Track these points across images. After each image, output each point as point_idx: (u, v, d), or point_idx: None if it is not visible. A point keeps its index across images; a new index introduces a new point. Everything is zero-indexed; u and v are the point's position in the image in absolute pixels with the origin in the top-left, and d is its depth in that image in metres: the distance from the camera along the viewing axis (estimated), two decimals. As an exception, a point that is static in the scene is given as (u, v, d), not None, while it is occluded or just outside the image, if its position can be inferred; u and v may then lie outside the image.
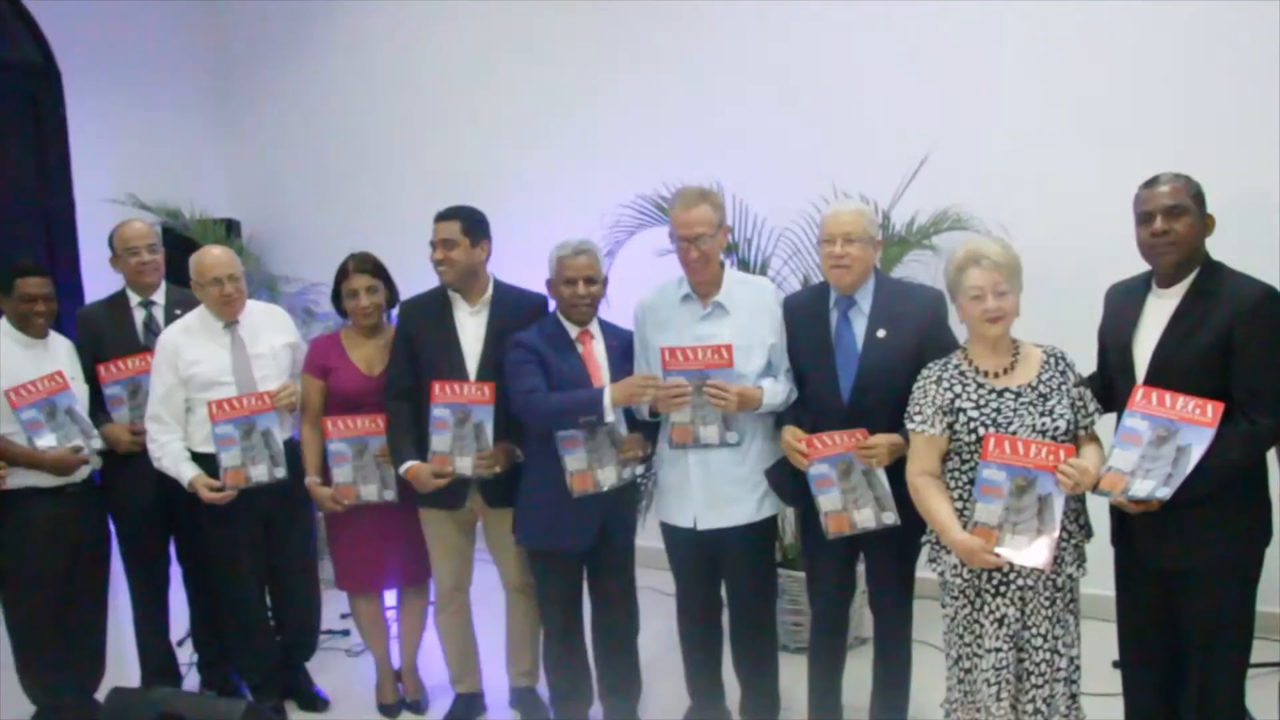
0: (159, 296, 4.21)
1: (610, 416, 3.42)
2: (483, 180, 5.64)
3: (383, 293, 3.97)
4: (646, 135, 5.46)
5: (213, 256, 3.94)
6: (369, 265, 3.96)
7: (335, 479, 3.88)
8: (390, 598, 4.28)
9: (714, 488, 3.47)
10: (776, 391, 3.41)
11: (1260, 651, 3.27)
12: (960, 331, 3.13)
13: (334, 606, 4.65)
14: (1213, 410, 2.79)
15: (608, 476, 3.52)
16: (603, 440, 3.51)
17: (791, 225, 4.56)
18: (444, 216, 3.77)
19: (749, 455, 3.46)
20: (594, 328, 3.68)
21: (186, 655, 4.49)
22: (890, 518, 3.23)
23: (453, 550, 3.94)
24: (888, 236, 4.47)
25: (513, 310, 3.80)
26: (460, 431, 3.66)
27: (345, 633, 4.91)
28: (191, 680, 4.44)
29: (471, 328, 3.79)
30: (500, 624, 4.10)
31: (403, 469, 3.74)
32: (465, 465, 3.68)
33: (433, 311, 3.81)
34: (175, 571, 4.32)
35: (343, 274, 3.98)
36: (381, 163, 6.43)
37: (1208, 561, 2.92)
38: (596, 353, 3.64)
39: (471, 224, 3.75)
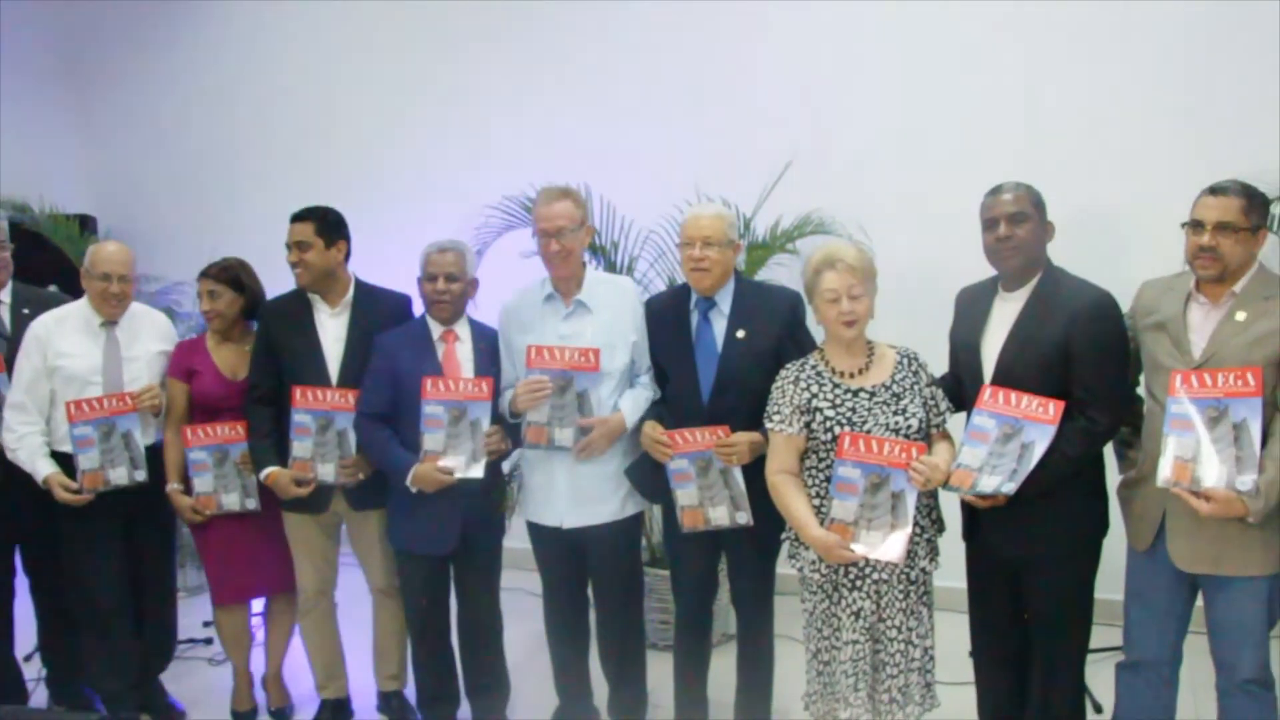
0: (5, 295, 4.03)
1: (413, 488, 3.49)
2: (349, 180, 5.58)
3: (228, 298, 3.85)
4: (515, 137, 5.46)
5: (107, 252, 3.83)
6: (214, 270, 3.87)
7: (195, 488, 3.78)
8: (257, 604, 4.20)
9: (579, 487, 3.48)
10: (638, 406, 3.47)
11: (1100, 636, 3.41)
12: (818, 333, 3.19)
13: (197, 615, 4.53)
14: (1054, 408, 2.91)
15: (459, 464, 3.50)
16: (463, 429, 3.49)
17: (657, 228, 4.60)
18: (298, 218, 3.70)
19: (613, 454, 3.48)
20: (461, 328, 3.66)
21: (34, 671, 4.31)
22: (744, 518, 3.29)
23: (316, 554, 3.87)
24: (751, 240, 4.55)
25: (375, 311, 3.76)
26: (322, 438, 3.60)
27: (208, 641, 4.78)
28: (40, 697, 4.26)
29: (333, 329, 3.73)
30: (367, 628, 4.04)
31: (263, 475, 3.67)
32: (328, 472, 3.62)
33: (293, 314, 3.74)
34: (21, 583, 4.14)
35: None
36: (246, 160, 6.28)
37: (1050, 551, 3.05)
38: (459, 353, 3.62)
39: (326, 225, 3.69)
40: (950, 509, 3.16)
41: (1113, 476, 3.19)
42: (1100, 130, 4.48)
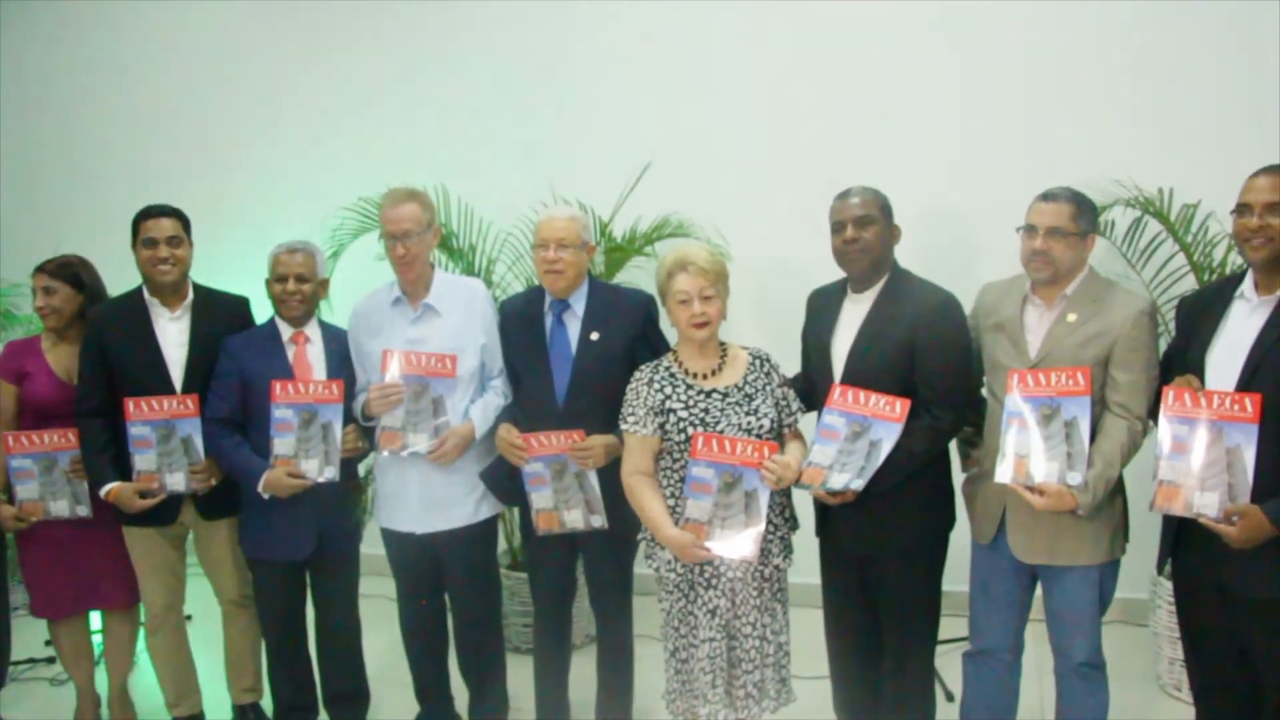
0: None
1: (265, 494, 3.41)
2: (197, 180, 5.40)
3: (64, 294, 3.68)
4: (371, 138, 5.34)
5: None
6: (50, 265, 3.70)
7: (19, 496, 3.59)
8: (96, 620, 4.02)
9: (431, 492, 3.45)
10: (488, 413, 3.45)
11: (949, 627, 3.52)
12: (672, 335, 3.22)
13: (39, 634, 4.32)
14: (900, 406, 2.98)
15: (311, 469, 3.43)
16: (315, 433, 3.41)
17: (515, 230, 4.58)
18: (162, 213, 3.57)
19: (466, 458, 3.45)
20: (312, 330, 3.59)
21: None
22: (598, 521, 3.30)
23: (163, 568, 3.71)
24: (610, 243, 4.57)
25: (215, 314, 3.65)
26: (166, 447, 3.46)
27: (50, 660, 4.58)
28: None
29: (174, 334, 3.58)
30: (216, 641, 3.91)
31: (103, 492, 3.50)
32: (177, 481, 3.49)
33: (128, 318, 3.58)
34: None
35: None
36: (88, 160, 5.98)
37: (898, 546, 3.13)
38: (310, 355, 3.55)
39: (186, 223, 3.59)
40: (803, 506, 3.21)
41: (958, 473, 3.29)
42: (948, 136, 4.61)
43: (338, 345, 3.59)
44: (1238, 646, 2.90)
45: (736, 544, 2.95)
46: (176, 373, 3.54)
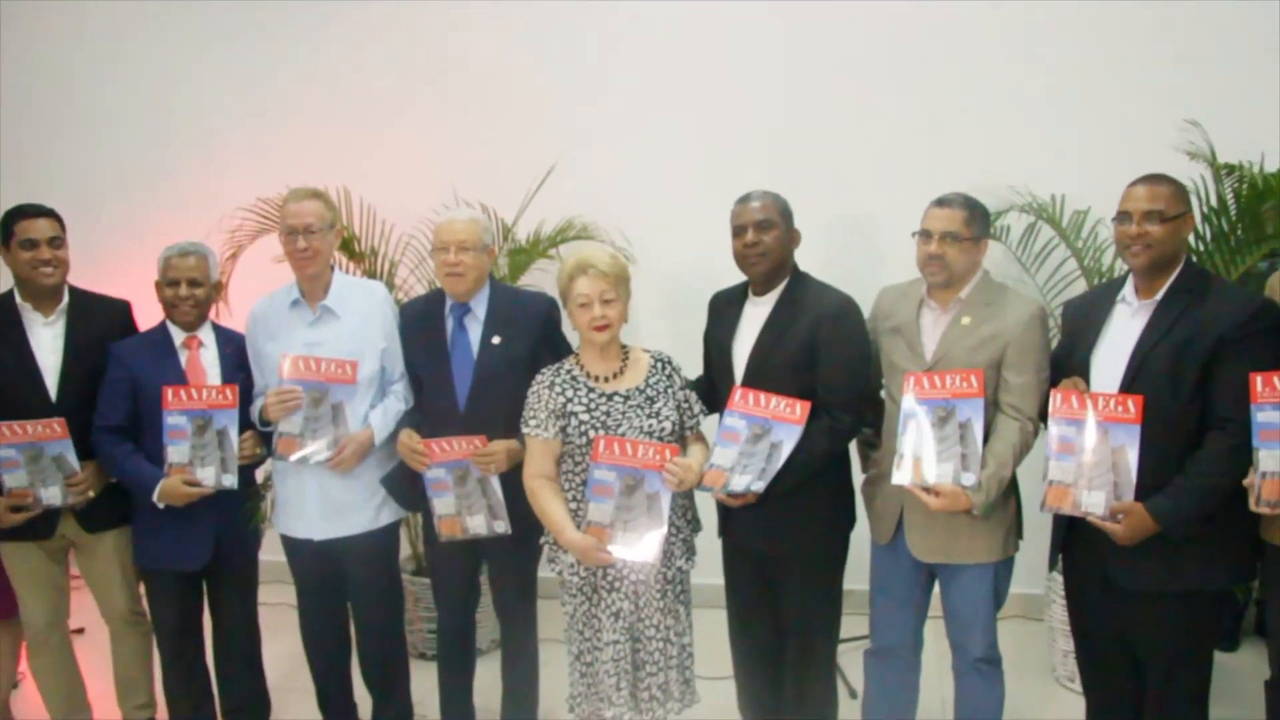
0: None
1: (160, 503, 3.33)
2: (84, 180, 5.24)
3: None
4: (271, 139, 5.22)
5: None
6: None
7: None
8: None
9: (330, 498, 3.40)
10: (388, 420, 3.41)
11: (851, 626, 3.57)
12: (575, 338, 3.21)
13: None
14: (800, 409, 3.01)
15: (207, 476, 3.34)
16: (210, 439, 3.33)
17: (418, 233, 4.52)
18: (39, 213, 3.43)
19: (366, 463, 3.40)
20: (205, 334, 3.51)
21: None
22: (501, 526, 3.28)
23: (44, 584, 3.55)
24: (514, 246, 4.55)
25: (93, 318, 3.53)
26: (37, 466, 3.33)
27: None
28: None
29: (47, 340, 3.44)
30: (103, 657, 3.77)
31: None
32: (53, 495, 3.35)
33: None
34: None
35: None
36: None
37: (800, 546, 3.16)
38: (204, 360, 3.47)
39: (63, 223, 3.48)
40: (706, 507, 3.23)
41: (859, 474, 3.34)
42: (851, 141, 4.66)
43: (233, 349, 3.51)
44: (1123, 638, 3.01)
45: (639, 547, 2.96)
46: (51, 380, 3.41)
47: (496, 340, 3.30)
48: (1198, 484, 2.73)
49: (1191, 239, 3.87)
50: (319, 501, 3.39)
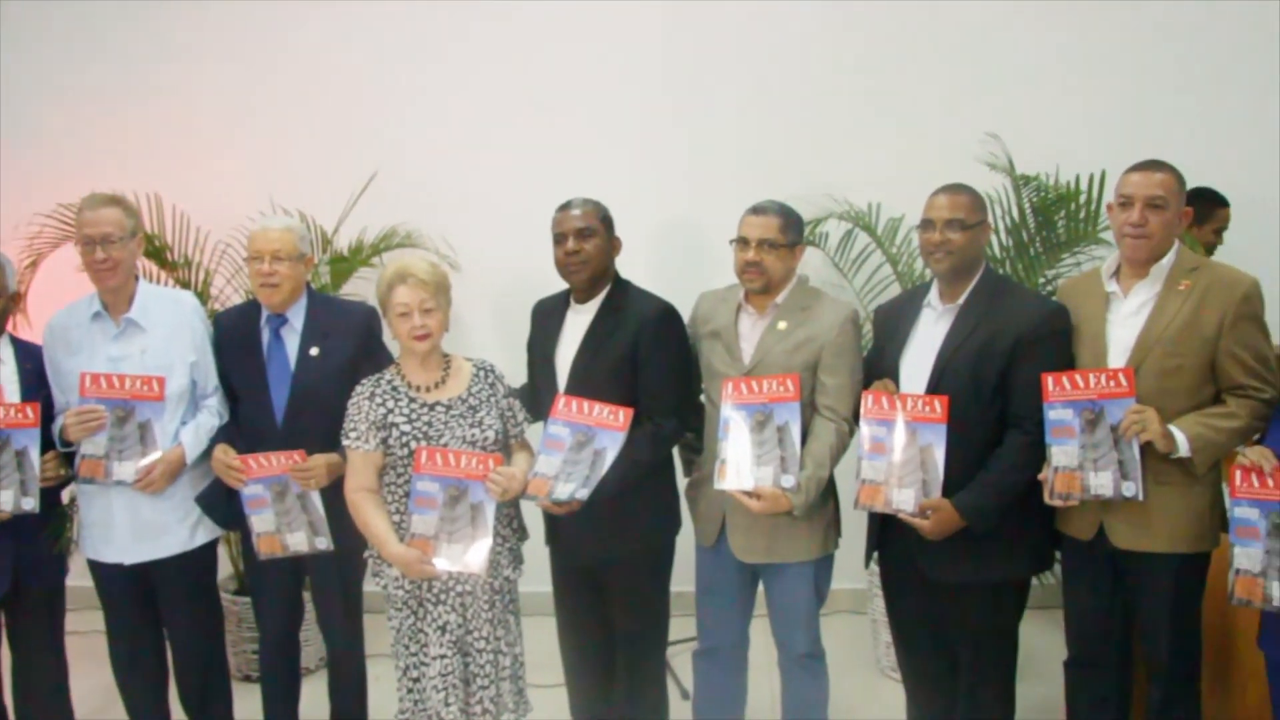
0: None
1: None
2: None
3: None
4: (74, 141, 4.95)
5: None
6: None
7: None
8: None
9: (141, 519, 3.25)
10: (200, 437, 3.29)
11: (680, 628, 3.62)
12: (396, 348, 3.16)
13: None
14: (624, 415, 3.03)
15: (6, 500, 3.15)
16: (8, 461, 3.15)
17: (235, 241, 4.36)
18: None
19: (179, 482, 3.28)
20: (4, 348, 3.31)
21: None
22: (323, 543, 3.21)
23: None
24: (335, 254, 4.46)
25: None
26: None
27: None
28: None
29: None
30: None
31: None
32: None
33: None
34: None
35: None
36: None
37: (626, 552, 3.19)
38: (1, 375, 3.27)
39: None
40: (532, 515, 3.22)
41: (682, 478, 3.39)
42: (676, 148, 4.74)
43: (33, 364, 3.32)
44: (935, 628, 3.15)
45: (464, 558, 2.93)
46: None
47: (315, 351, 3.23)
48: (998, 479, 2.87)
49: (995, 246, 4.08)
50: (128, 523, 3.24)
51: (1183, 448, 2.75)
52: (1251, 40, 4.54)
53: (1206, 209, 4.37)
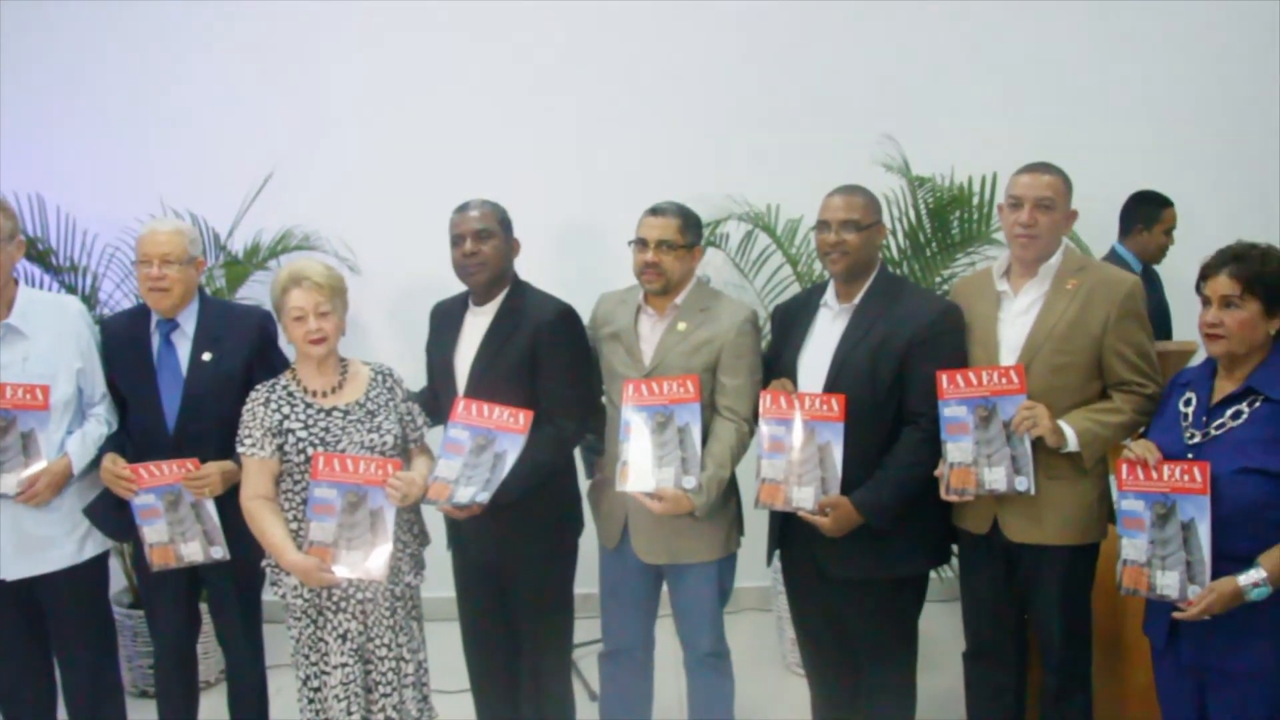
0: None
1: None
2: None
3: None
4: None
5: None
6: None
7: None
8: None
9: (24, 533, 3.12)
10: (87, 447, 3.18)
11: (588, 630, 3.61)
12: (293, 352, 3.10)
13: None
14: (524, 418, 3.02)
15: None
16: None
17: (123, 244, 4.26)
18: None
19: (65, 494, 3.17)
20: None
21: None
22: (219, 552, 3.13)
23: None
24: (230, 257, 4.38)
25: None
26: None
27: None
28: None
29: None
30: None
31: None
32: None
33: None
34: None
35: None
36: None
37: (529, 554, 3.18)
38: None
39: None
40: (434, 520, 3.20)
41: (584, 480, 3.38)
42: (578, 150, 4.73)
43: None
44: (837, 623, 3.19)
45: (364, 564, 2.89)
46: None
47: (207, 357, 3.15)
48: (895, 476, 2.92)
49: (893, 248, 4.15)
50: (11, 537, 3.11)
51: (1071, 442, 2.82)
52: (1136, 44, 4.70)
53: (1153, 211, 4.49)
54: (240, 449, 2.96)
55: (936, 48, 4.64)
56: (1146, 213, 4.47)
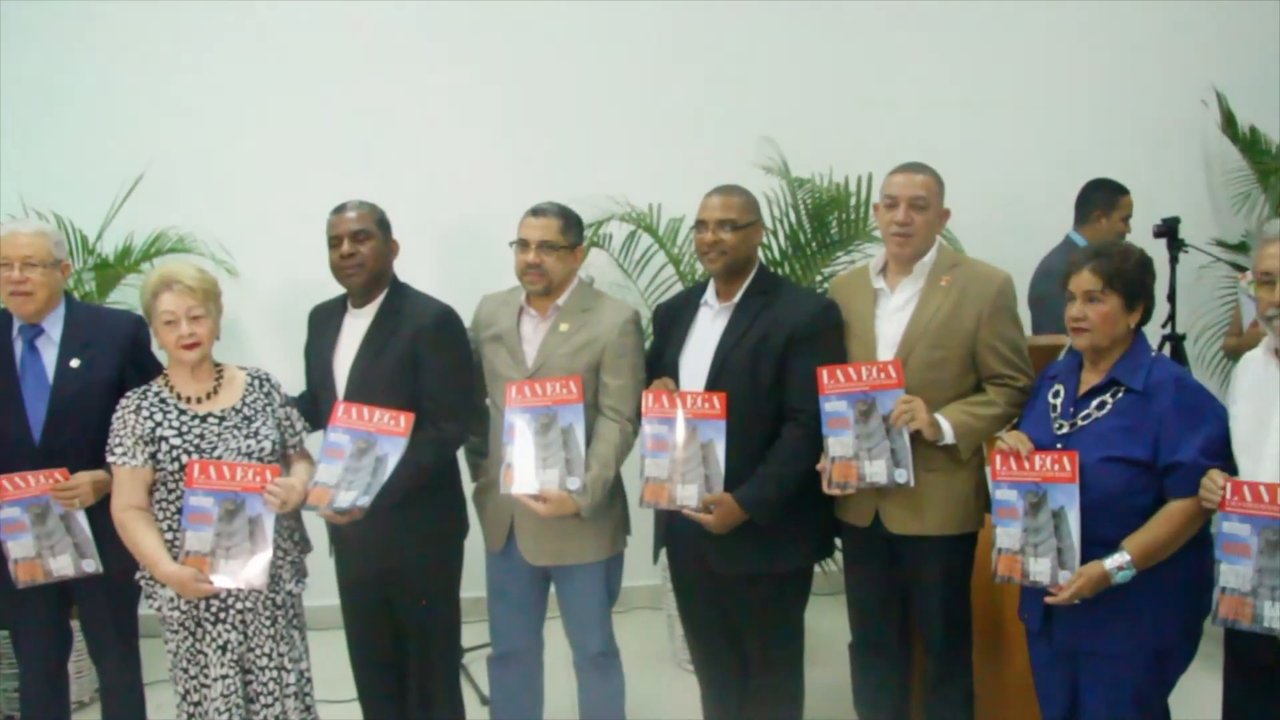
0: None
1: None
2: None
3: None
4: None
5: None
6: None
7: None
8: None
9: None
10: None
11: (477, 634, 3.58)
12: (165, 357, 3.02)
13: None
14: (405, 420, 2.98)
15: None
16: None
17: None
18: None
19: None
20: None
21: None
22: (91, 565, 3.03)
23: None
24: (99, 260, 4.24)
25: None
26: None
27: None
28: None
29: None
30: None
31: None
32: None
33: None
34: None
35: None
36: None
37: (414, 559, 3.14)
38: None
39: None
40: (317, 527, 3.14)
41: (469, 482, 3.36)
42: (461, 151, 4.71)
43: None
44: (724, 618, 3.22)
45: (243, 573, 2.83)
46: None
47: (75, 363, 3.05)
48: (778, 472, 2.96)
49: (774, 247, 4.21)
50: None
51: (948, 435, 2.89)
52: (1012, 43, 4.84)
53: (1110, 198, 4.54)
54: (111, 458, 2.87)
55: (815, 50, 4.73)
56: (1105, 199, 4.51)
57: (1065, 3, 4.88)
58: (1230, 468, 2.53)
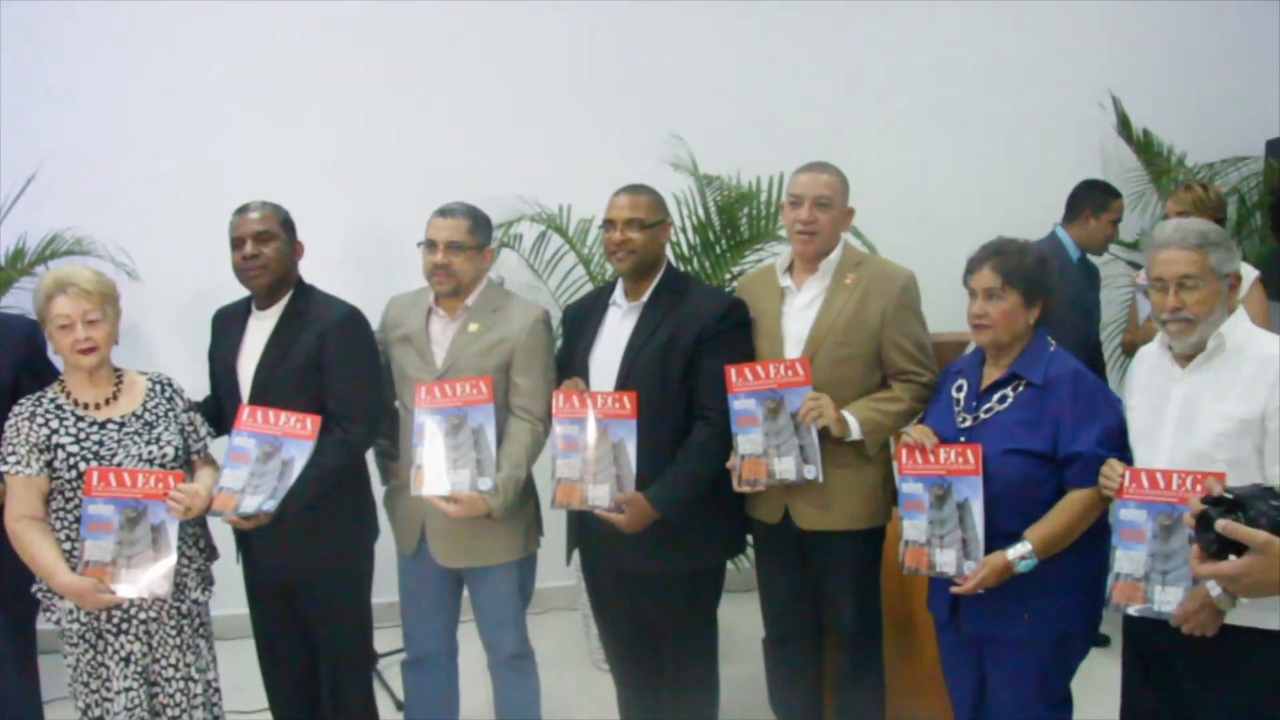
0: None
1: None
2: None
3: None
4: None
5: None
6: None
7: None
8: None
9: None
10: None
11: (391, 638, 3.54)
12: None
13: None
14: (311, 424, 2.95)
15: None
16: None
17: None
18: None
19: None
20: None
21: None
22: None
23: None
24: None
25: None
26: None
27: None
28: None
29: None
30: None
31: None
32: None
33: None
34: None
35: None
36: None
37: (323, 563, 3.10)
38: None
39: None
40: (224, 534, 3.09)
41: (379, 485, 3.34)
42: (361, 150, 4.67)
43: None
44: (638, 617, 3.23)
45: (146, 582, 2.77)
46: None
47: (-34, 370, 2.96)
48: (688, 470, 2.97)
49: (683, 245, 4.23)
50: None
51: (855, 431, 2.94)
52: (918, 46, 4.93)
53: (1103, 199, 4.54)
54: (3, 467, 2.79)
55: (724, 49, 4.76)
56: (1097, 200, 4.52)
57: (967, 7, 4.98)
58: (1127, 458, 2.60)
